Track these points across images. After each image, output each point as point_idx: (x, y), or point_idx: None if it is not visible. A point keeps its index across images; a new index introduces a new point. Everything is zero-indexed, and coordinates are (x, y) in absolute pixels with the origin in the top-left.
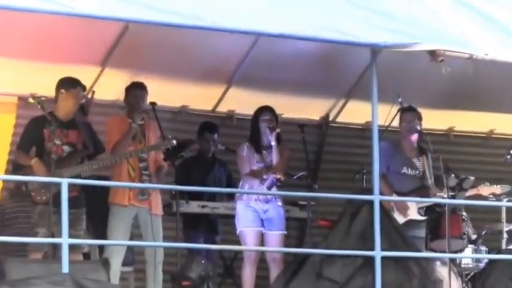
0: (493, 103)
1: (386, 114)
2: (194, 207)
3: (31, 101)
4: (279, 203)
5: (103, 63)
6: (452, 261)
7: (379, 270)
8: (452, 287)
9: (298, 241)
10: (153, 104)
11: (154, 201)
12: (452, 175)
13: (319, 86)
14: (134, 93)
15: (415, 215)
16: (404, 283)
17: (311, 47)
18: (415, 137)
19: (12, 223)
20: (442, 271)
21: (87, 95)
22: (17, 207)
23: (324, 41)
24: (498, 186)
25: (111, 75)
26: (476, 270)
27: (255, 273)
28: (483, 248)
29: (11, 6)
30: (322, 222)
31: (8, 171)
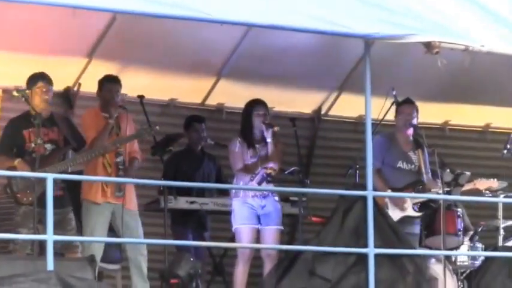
0: (489, 96)
1: (379, 107)
2: (182, 203)
3: (15, 94)
4: (276, 198)
5: (90, 54)
6: (448, 258)
7: (373, 268)
8: (448, 285)
9: (289, 237)
10: (141, 97)
11: (128, 197)
12: (448, 170)
13: (311, 78)
14: (108, 87)
15: (410, 210)
16: (398, 281)
17: (303, 39)
18: (410, 131)
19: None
20: (437, 269)
21: (73, 87)
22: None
23: (316, 33)
24: (495, 180)
25: (98, 67)
26: (472, 268)
27: (248, 271)
28: (479, 245)
29: None
30: (314, 218)
31: None
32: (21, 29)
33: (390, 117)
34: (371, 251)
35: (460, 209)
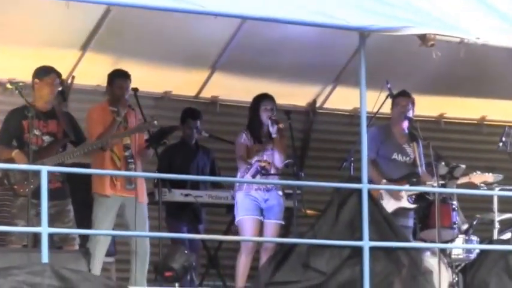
0: (485, 89)
1: (374, 100)
2: (177, 195)
3: (9, 86)
4: (280, 192)
5: (83, 47)
6: (442, 251)
7: (368, 261)
8: (442, 278)
9: (284, 230)
10: (135, 89)
11: (140, 190)
12: (443, 163)
13: (306, 71)
14: (119, 83)
15: (405, 202)
16: (393, 274)
17: (298, 31)
18: (405, 123)
19: None
20: (431, 261)
21: (66, 80)
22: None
23: (311, 25)
24: (490, 174)
25: (92, 60)
26: (467, 261)
27: (250, 264)
28: (474, 238)
29: None
30: (308, 211)
31: None
32: (14, 21)
33: (385, 110)
34: (366, 244)
35: (455, 202)
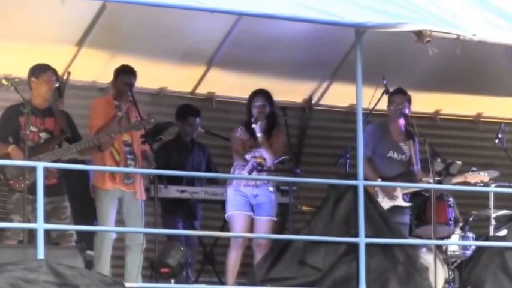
0: (481, 85)
1: (370, 97)
2: (173, 191)
3: (4, 82)
4: (270, 188)
5: (79, 43)
6: (439, 248)
7: (363, 257)
8: (438, 274)
9: (280, 227)
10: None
11: (139, 186)
12: (439, 159)
13: (302, 67)
14: (123, 79)
15: (400, 201)
16: (389, 270)
17: (294, 28)
18: (402, 121)
19: None
20: (427, 258)
21: (62, 76)
22: None
23: (307, 21)
24: (486, 174)
25: (87, 55)
26: (463, 258)
27: (240, 259)
28: (470, 234)
29: None
30: (304, 207)
31: None
32: (10, 17)
33: (381, 106)
34: (362, 240)
35: (451, 199)
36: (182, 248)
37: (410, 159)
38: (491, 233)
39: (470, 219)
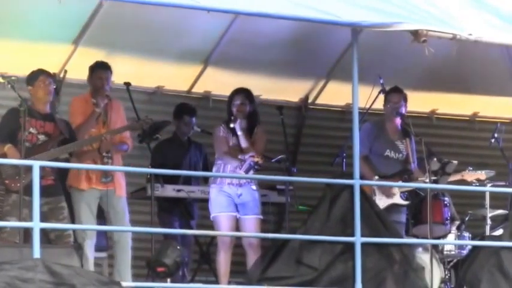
0: (477, 85)
1: (367, 96)
2: (169, 190)
3: (1, 80)
4: (253, 187)
5: (76, 41)
6: (435, 247)
7: (359, 257)
8: (434, 274)
9: (276, 226)
10: (127, 84)
11: (118, 183)
12: (435, 159)
13: (298, 66)
14: (98, 74)
15: (397, 199)
16: (385, 269)
17: (290, 27)
18: (398, 120)
19: None
20: (424, 257)
21: (58, 74)
22: None
23: (303, 20)
24: (482, 172)
25: (84, 54)
26: (459, 257)
27: (230, 259)
28: (466, 234)
29: None
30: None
31: None
32: (6, 15)
33: (377, 105)
34: (358, 239)
35: (447, 198)
36: (178, 247)
37: (407, 158)
38: (487, 232)
39: (467, 219)
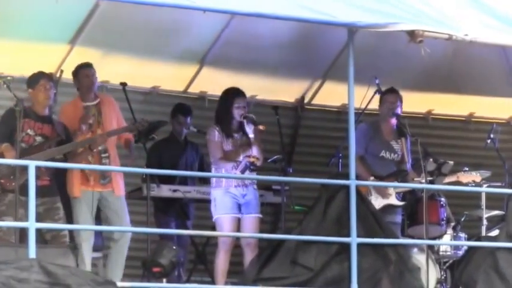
0: (473, 86)
1: (363, 96)
2: (165, 191)
3: None
4: (255, 187)
5: (72, 41)
6: (430, 248)
7: (355, 257)
8: (430, 274)
9: (272, 226)
10: (123, 84)
11: (116, 183)
12: (431, 159)
13: (294, 67)
14: (84, 73)
15: (393, 199)
16: (380, 270)
17: (286, 27)
18: (394, 120)
19: None
20: (419, 258)
21: (55, 74)
22: None
23: (299, 20)
24: (478, 174)
25: (80, 54)
26: (455, 258)
27: (229, 259)
28: (462, 234)
29: None
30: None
31: None
32: (2, 15)
33: (373, 106)
34: (353, 240)
35: (443, 199)
36: (174, 247)
37: (403, 158)
38: (483, 233)
39: (462, 220)
